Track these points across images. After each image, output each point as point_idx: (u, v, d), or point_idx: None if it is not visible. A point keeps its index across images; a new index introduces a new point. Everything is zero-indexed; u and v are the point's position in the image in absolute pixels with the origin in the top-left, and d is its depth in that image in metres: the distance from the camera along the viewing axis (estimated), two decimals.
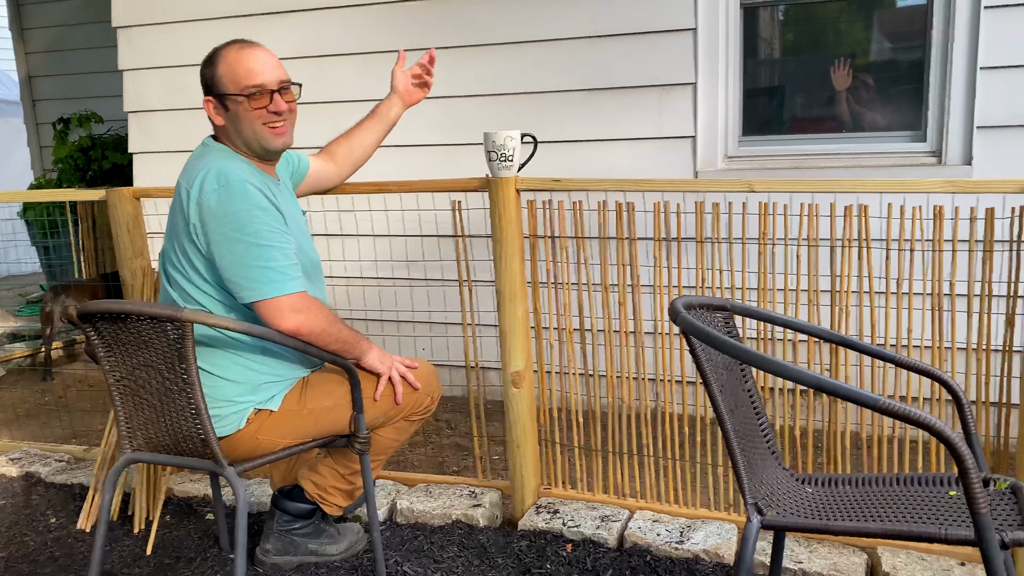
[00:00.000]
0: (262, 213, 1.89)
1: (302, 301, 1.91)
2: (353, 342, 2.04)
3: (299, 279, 1.93)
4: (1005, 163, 2.96)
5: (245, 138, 1.97)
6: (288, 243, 1.93)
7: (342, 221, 3.58)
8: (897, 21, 3.25)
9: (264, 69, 1.96)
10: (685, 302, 1.68)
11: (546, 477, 2.56)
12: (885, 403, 1.28)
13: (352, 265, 3.63)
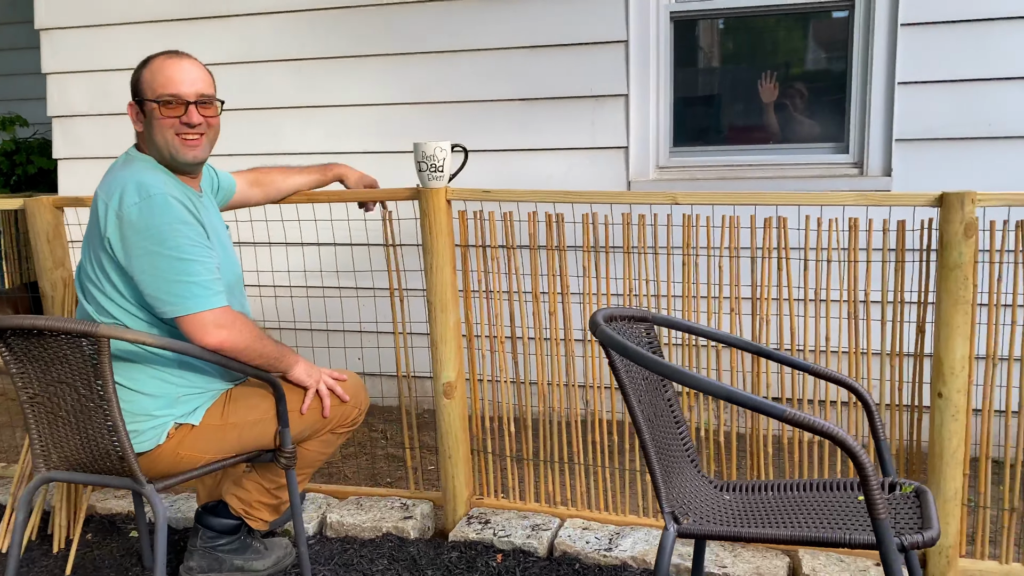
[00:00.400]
0: (184, 227, 1.86)
1: (226, 316, 1.89)
2: (279, 356, 2.02)
3: (222, 294, 1.90)
4: (922, 175, 3.08)
5: (158, 146, 1.95)
6: (210, 257, 1.90)
7: (270, 230, 3.53)
8: (822, 35, 3.35)
9: (184, 80, 1.94)
10: (607, 314, 1.70)
11: (479, 487, 2.57)
12: (791, 414, 1.32)
13: (281, 275, 3.58)
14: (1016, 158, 2.99)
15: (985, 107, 3.01)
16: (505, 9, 3.41)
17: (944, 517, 2.11)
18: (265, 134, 3.76)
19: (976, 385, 2.16)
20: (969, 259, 2.00)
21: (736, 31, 3.46)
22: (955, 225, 1.99)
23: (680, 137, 3.48)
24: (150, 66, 1.95)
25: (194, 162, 1.99)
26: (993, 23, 2.95)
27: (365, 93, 3.62)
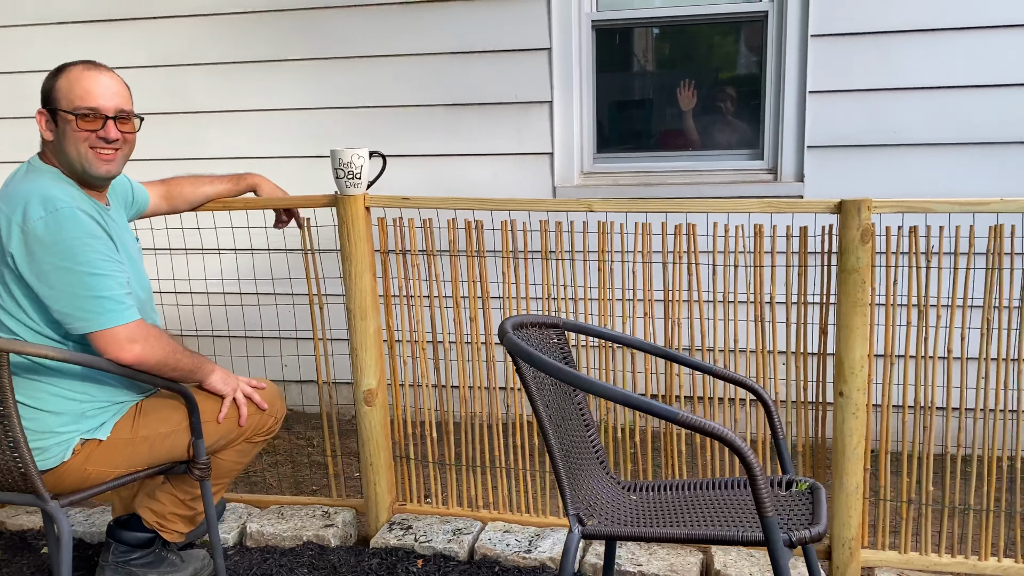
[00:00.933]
0: (95, 241, 1.83)
1: (140, 330, 1.86)
2: (194, 367, 2.01)
3: (134, 308, 1.88)
4: (833, 180, 3.20)
5: (69, 158, 1.90)
6: (121, 272, 1.88)
7: (186, 237, 3.47)
8: (739, 45, 3.45)
9: (104, 94, 1.90)
10: (516, 322, 1.73)
11: (401, 493, 2.58)
12: (684, 417, 1.37)
13: (198, 283, 3.52)
14: (919, 164, 3.13)
15: (890, 116, 3.14)
16: (430, 15, 3.42)
17: (847, 510, 2.20)
18: (186, 139, 3.70)
19: (876, 383, 2.26)
20: (866, 263, 2.09)
21: (657, 40, 3.54)
22: (852, 231, 2.08)
23: (603, 143, 3.54)
24: (67, 75, 1.90)
25: (107, 177, 1.96)
26: (897, 35, 3.09)
27: (289, 98, 3.59)
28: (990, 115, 3.06)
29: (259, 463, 3.23)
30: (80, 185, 1.94)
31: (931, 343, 2.21)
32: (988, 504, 2.19)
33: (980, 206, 2.05)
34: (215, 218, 3.26)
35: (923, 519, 2.24)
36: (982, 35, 3.02)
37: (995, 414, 2.18)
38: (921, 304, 2.15)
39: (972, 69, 3.04)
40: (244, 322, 3.43)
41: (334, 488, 2.62)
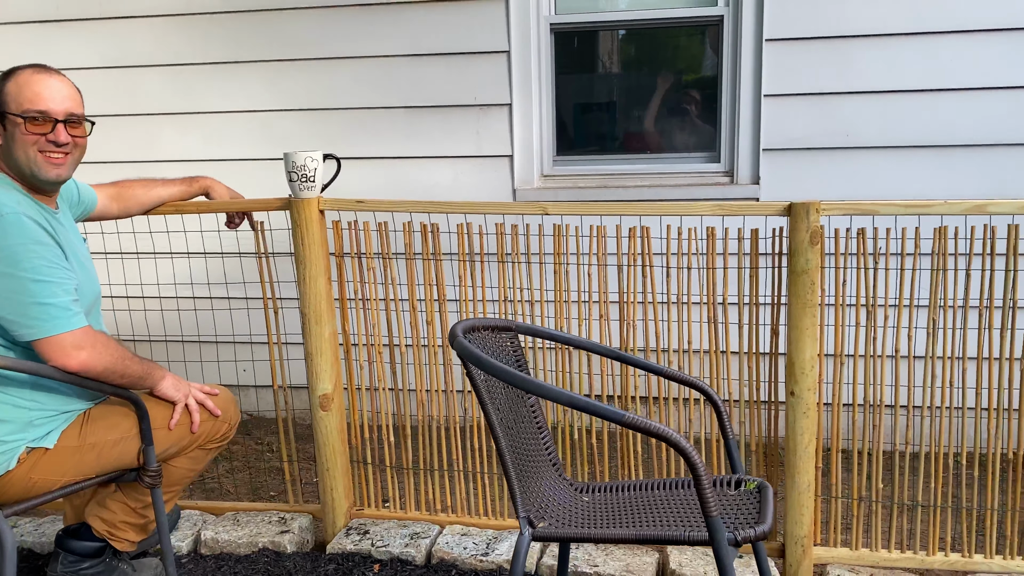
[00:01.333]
0: (40, 247, 1.80)
1: (86, 337, 1.83)
2: (143, 373, 1.98)
3: (81, 314, 1.85)
4: (788, 182, 3.24)
5: (18, 162, 1.87)
6: (68, 278, 1.85)
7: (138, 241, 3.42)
8: (696, 49, 3.49)
9: (53, 97, 1.88)
10: (467, 325, 1.73)
11: (359, 498, 2.56)
12: (630, 418, 1.38)
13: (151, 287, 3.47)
14: (872, 166, 3.19)
15: (843, 119, 3.19)
16: (387, 17, 3.41)
17: (799, 508, 2.23)
18: (140, 141, 3.65)
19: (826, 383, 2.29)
20: (815, 265, 2.12)
21: (616, 43, 3.56)
22: (802, 233, 2.11)
23: (563, 146, 3.56)
24: (16, 78, 1.88)
25: (56, 181, 1.93)
26: (849, 40, 3.14)
27: (245, 100, 3.56)
28: (939, 119, 3.12)
29: (216, 469, 3.19)
30: (28, 190, 1.91)
31: (879, 342, 2.25)
32: (935, 500, 2.24)
33: (924, 208, 2.09)
34: (167, 222, 3.22)
35: (874, 516, 2.28)
36: (931, 41, 3.08)
37: (941, 411, 2.22)
38: (869, 304, 2.19)
39: (922, 74, 3.11)
40: (198, 327, 3.39)
41: (291, 494, 2.60)
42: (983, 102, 3.09)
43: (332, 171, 2.43)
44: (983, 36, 3.05)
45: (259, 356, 3.41)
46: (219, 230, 2.94)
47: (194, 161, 3.59)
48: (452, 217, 3.19)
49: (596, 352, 1.90)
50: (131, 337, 3.35)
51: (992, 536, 2.23)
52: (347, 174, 3.49)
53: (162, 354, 3.35)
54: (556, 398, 1.41)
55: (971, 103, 3.10)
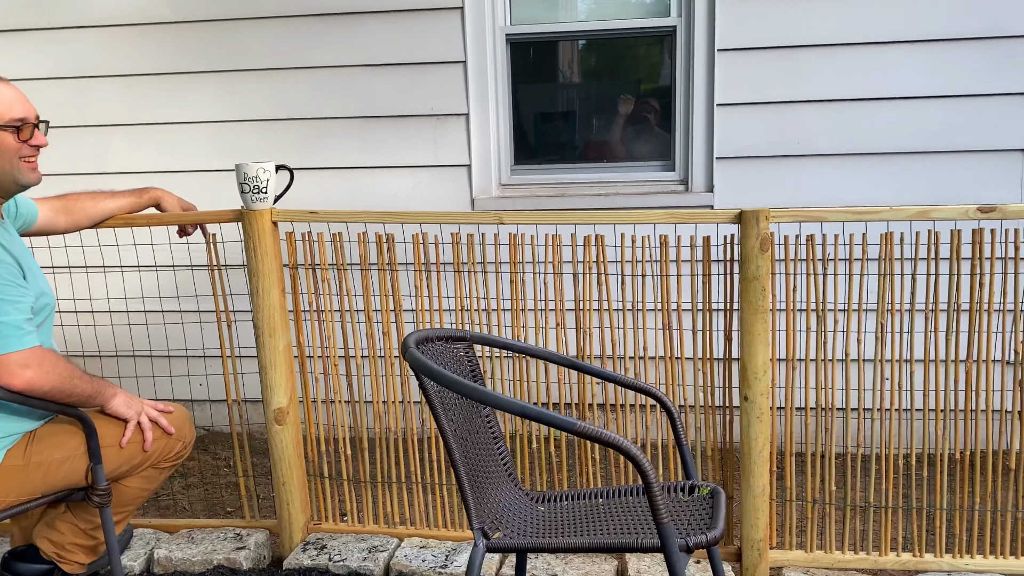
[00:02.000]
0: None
1: (33, 356, 1.80)
2: (93, 392, 1.94)
3: (33, 334, 1.82)
4: (741, 190, 3.29)
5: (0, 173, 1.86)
6: (23, 297, 1.82)
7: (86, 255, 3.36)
8: (651, 59, 3.53)
9: (23, 101, 1.90)
10: (420, 336, 1.73)
11: (316, 512, 2.53)
12: (581, 427, 1.39)
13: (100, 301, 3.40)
14: (822, 173, 3.25)
15: (794, 127, 3.25)
16: (342, 27, 3.40)
17: (755, 512, 2.25)
18: (92, 152, 3.58)
19: (779, 387, 2.33)
20: (766, 271, 2.15)
21: (572, 53, 3.59)
22: (752, 240, 2.14)
23: (521, 155, 3.57)
24: None
25: (36, 184, 1.93)
26: (798, 50, 3.20)
27: (199, 110, 3.52)
28: (886, 126, 3.20)
29: (171, 486, 3.13)
30: None
31: (830, 347, 2.29)
32: (887, 501, 2.28)
33: (871, 215, 2.14)
34: (117, 235, 3.16)
35: (827, 518, 2.32)
36: (877, 50, 3.15)
37: (891, 413, 2.27)
38: (819, 309, 2.23)
39: (869, 82, 3.18)
40: (149, 341, 3.33)
41: (247, 509, 2.57)
42: (926, 110, 3.17)
43: (285, 182, 2.41)
44: (924, 46, 3.13)
45: (213, 370, 3.36)
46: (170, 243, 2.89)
47: (148, 173, 3.53)
48: (408, 227, 3.18)
49: (551, 361, 1.91)
50: (81, 353, 3.28)
51: (941, 535, 2.27)
52: (304, 184, 3.46)
53: (113, 370, 3.29)
54: (507, 408, 1.41)
55: (914, 111, 3.17)
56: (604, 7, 3.47)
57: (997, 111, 3.13)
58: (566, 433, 2.32)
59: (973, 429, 2.24)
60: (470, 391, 1.44)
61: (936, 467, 2.26)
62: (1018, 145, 3.13)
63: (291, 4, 3.40)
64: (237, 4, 3.42)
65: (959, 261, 2.15)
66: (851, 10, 3.14)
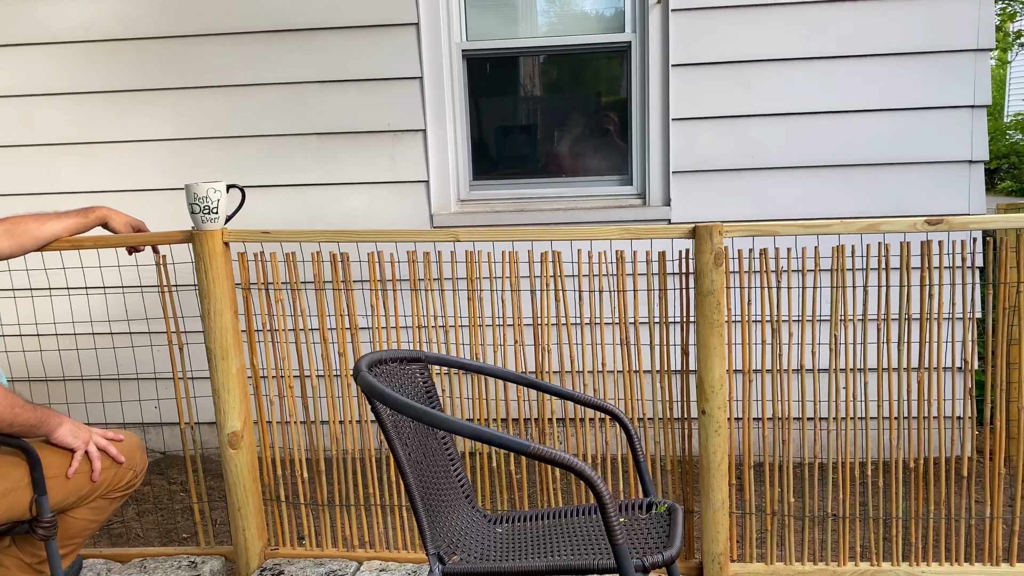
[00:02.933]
0: None
1: None
2: (36, 421, 1.88)
3: None
4: (698, 204, 3.32)
5: None
6: None
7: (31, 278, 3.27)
8: (608, 74, 3.55)
9: None
10: (373, 359, 1.70)
11: (273, 537, 2.48)
12: (534, 449, 1.37)
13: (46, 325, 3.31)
14: (777, 186, 3.29)
15: (748, 140, 3.29)
16: (297, 44, 3.37)
17: (715, 526, 2.26)
18: (39, 172, 3.50)
19: (736, 400, 2.34)
20: (720, 286, 2.16)
21: (529, 69, 3.60)
22: (706, 255, 2.15)
23: (480, 171, 3.56)
24: None
25: None
26: (750, 64, 3.24)
27: (151, 128, 3.45)
28: (838, 139, 3.25)
29: (124, 513, 3.05)
30: None
31: (785, 358, 2.31)
32: (845, 511, 2.30)
33: (822, 228, 2.17)
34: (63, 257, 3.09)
35: (787, 529, 2.33)
36: (826, 64, 3.21)
37: (846, 423, 2.29)
38: (774, 321, 2.25)
39: (821, 96, 3.23)
40: (98, 365, 3.25)
41: (202, 536, 2.51)
42: (875, 123, 3.23)
43: (237, 202, 2.37)
44: (871, 61, 3.19)
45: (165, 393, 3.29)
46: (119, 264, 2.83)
47: (98, 192, 3.46)
48: (363, 245, 3.16)
49: (507, 379, 1.89)
50: (27, 379, 3.19)
51: (898, 543, 2.30)
52: (260, 202, 3.42)
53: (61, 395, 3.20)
54: (460, 432, 1.40)
55: (863, 124, 3.23)
56: (561, 23, 3.49)
57: (942, 124, 3.20)
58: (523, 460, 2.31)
59: (926, 437, 2.27)
60: (422, 415, 1.42)
61: (892, 475, 2.28)
62: (964, 157, 3.20)
63: (244, 21, 3.36)
64: (189, 21, 3.38)
65: (909, 272, 2.18)
66: (800, 26, 3.19)
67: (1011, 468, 2.73)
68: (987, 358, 2.22)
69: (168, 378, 3.25)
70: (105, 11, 3.40)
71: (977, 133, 3.19)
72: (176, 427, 3.50)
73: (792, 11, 3.19)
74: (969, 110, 3.19)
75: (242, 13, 3.36)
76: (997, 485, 2.24)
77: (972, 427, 2.27)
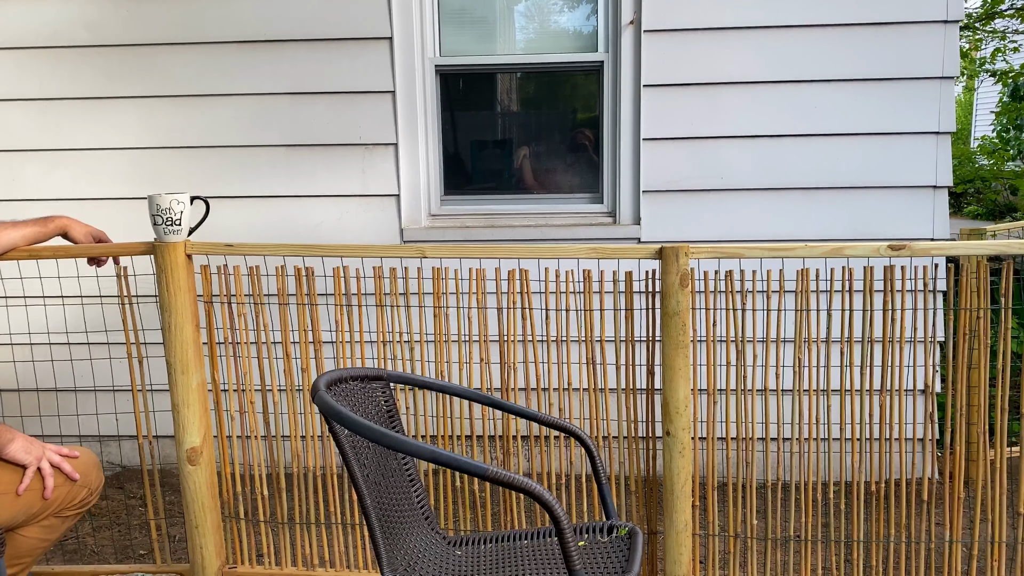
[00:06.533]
0: None
1: None
2: None
3: None
4: (667, 223, 3.33)
5: None
6: None
7: None
8: (580, 92, 3.57)
9: None
10: (332, 378, 1.68)
11: (231, 555, 2.44)
12: (492, 473, 1.36)
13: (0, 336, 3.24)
14: (745, 207, 3.32)
15: (718, 162, 3.32)
16: (267, 55, 3.34)
17: (677, 548, 2.25)
18: (2, 178, 3.43)
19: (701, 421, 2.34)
20: (686, 307, 2.17)
21: (503, 85, 3.60)
22: (672, 276, 2.16)
23: (451, 186, 3.55)
24: None
25: None
26: (720, 87, 3.27)
27: (118, 136, 3.41)
28: (805, 162, 3.29)
29: (80, 528, 2.98)
30: None
31: (750, 379, 2.32)
32: (807, 533, 2.31)
33: (786, 251, 2.18)
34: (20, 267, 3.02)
35: (749, 551, 2.33)
36: (794, 88, 3.25)
37: (809, 444, 2.30)
38: (739, 343, 2.26)
39: (789, 120, 3.27)
40: (55, 377, 3.18)
41: (157, 553, 2.45)
42: (842, 147, 3.27)
43: (201, 214, 2.34)
44: (838, 86, 3.23)
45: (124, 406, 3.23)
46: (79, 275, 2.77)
47: (62, 200, 3.40)
48: (328, 260, 3.13)
49: (469, 399, 1.88)
50: None
51: (859, 566, 2.31)
52: (226, 213, 3.38)
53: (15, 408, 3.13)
54: (418, 454, 1.38)
55: (830, 148, 3.27)
56: (535, 40, 3.50)
57: (908, 149, 3.25)
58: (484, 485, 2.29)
59: (887, 459, 2.29)
60: (379, 436, 1.40)
61: (853, 497, 2.30)
62: (929, 182, 3.25)
63: (214, 31, 3.33)
64: (157, 29, 3.34)
65: (872, 296, 2.20)
66: (769, 50, 3.23)
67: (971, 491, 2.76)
68: (947, 381, 2.24)
69: (127, 390, 3.19)
70: (73, 17, 3.36)
71: (942, 159, 3.25)
72: (135, 440, 3.43)
73: (762, 35, 3.23)
74: (934, 136, 3.24)
75: (212, 23, 3.33)
76: (957, 508, 2.26)
77: (933, 450, 2.29)
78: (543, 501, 1.35)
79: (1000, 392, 2.20)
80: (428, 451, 1.37)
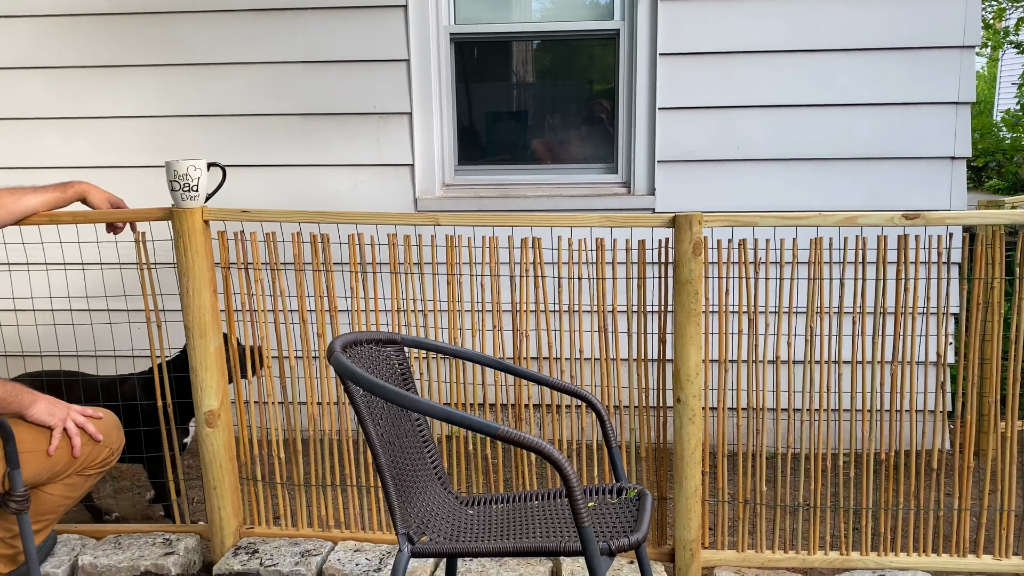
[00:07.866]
0: None
1: None
2: (8, 398, 1.88)
3: None
4: (682, 193, 3.33)
5: None
6: None
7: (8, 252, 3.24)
8: (595, 61, 3.55)
9: None
10: (349, 340, 1.71)
11: (249, 516, 2.49)
12: (504, 432, 1.38)
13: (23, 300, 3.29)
14: (761, 177, 3.30)
15: (734, 131, 3.30)
16: (283, 23, 3.35)
17: (687, 513, 2.28)
18: (20, 146, 3.47)
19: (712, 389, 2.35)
20: (699, 275, 2.18)
21: (518, 54, 3.59)
22: (685, 244, 2.16)
23: (465, 156, 3.56)
24: None
25: None
26: (737, 55, 3.25)
27: (135, 104, 3.43)
28: (822, 132, 3.26)
29: (101, 490, 3.05)
30: None
31: (761, 349, 2.33)
32: (816, 501, 2.33)
33: (801, 220, 2.18)
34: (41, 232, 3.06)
35: (759, 517, 2.36)
36: (812, 58, 3.21)
37: (820, 414, 2.32)
38: (751, 312, 2.27)
39: (805, 89, 3.24)
40: (75, 342, 3.23)
41: (176, 514, 2.51)
42: (859, 118, 3.24)
43: (217, 180, 2.37)
44: (857, 55, 3.20)
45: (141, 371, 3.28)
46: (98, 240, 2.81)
47: (80, 168, 3.44)
48: (344, 227, 3.15)
49: (482, 363, 1.90)
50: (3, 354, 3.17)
51: (867, 534, 2.33)
52: (242, 182, 3.40)
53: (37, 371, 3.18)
54: (430, 413, 1.40)
55: (848, 118, 3.24)
56: (550, 8, 3.48)
57: (926, 119, 3.22)
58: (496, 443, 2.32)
59: (898, 429, 2.30)
60: (392, 395, 1.43)
61: (863, 467, 2.31)
62: (947, 153, 3.22)
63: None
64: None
65: (885, 266, 2.20)
66: (786, 18, 3.19)
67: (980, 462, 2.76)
68: (960, 352, 2.24)
69: (146, 355, 3.24)
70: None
71: (961, 130, 3.21)
72: None
73: (779, 3, 3.19)
74: (953, 107, 3.20)
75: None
76: (966, 478, 2.27)
77: (944, 421, 2.30)
78: (553, 459, 1.37)
79: (1013, 364, 2.20)
80: (441, 410, 1.40)
